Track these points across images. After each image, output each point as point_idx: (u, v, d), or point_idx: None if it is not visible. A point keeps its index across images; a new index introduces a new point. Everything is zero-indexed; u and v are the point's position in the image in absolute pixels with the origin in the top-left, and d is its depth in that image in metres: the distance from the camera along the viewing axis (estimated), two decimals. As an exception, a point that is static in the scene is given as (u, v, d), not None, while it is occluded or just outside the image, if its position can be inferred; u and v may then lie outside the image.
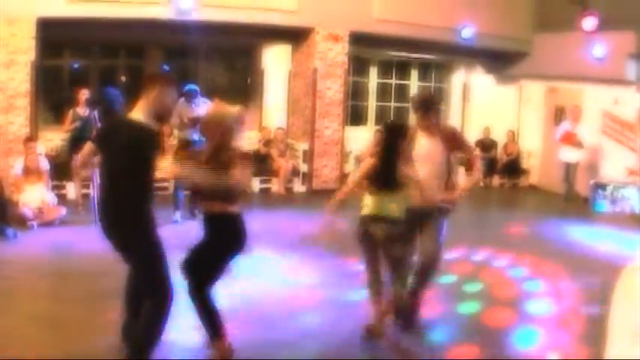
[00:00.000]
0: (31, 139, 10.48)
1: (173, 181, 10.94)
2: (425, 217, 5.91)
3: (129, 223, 4.71)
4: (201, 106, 10.82)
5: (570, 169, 12.86)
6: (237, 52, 15.25)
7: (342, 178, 14.06)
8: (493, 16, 14.37)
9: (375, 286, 5.84)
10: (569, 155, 12.81)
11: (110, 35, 12.70)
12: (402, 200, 5.62)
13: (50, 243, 8.98)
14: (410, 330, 6.04)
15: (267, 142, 13.94)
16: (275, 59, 14.89)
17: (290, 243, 9.31)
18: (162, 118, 5.02)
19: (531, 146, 16.24)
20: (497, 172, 15.96)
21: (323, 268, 8.21)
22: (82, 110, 11.14)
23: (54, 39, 12.01)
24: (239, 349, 5.26)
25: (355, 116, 15.74)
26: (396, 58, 16.10)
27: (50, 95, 12.96)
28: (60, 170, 11.19)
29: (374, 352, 5.82)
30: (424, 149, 5.93)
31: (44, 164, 10.24)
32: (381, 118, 15.83)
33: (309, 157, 13.79)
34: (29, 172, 9.95)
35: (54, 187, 10.81)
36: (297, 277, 7.87)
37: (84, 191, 11.00)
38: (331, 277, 7.87)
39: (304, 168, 13.85)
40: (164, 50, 14.01)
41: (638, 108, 13.24)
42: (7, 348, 5.34)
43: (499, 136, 16.34)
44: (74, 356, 5.26)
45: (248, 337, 5.72)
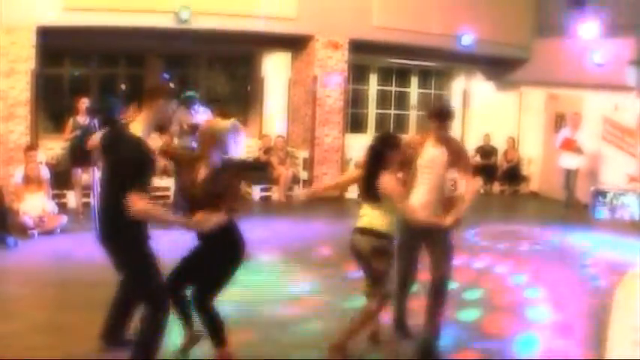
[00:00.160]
0: (32, 147, 10.49)
1: (174, 189, 10.99)
2: (429, 235, 5.77)
3: (119, 234, 4.75)
4: (201, 113, 10.86)
5: (570, 175, 12.84)
6: (237, 60, 15.28)
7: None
8: (493, 23, 14.39)
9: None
10: (569, 162, 12.80)
11: (110, 44, 12.74)
12: (389, 213, 5.49)
13: (51, 251, 8.97)
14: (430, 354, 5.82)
15: (268, 150, 13.95)
16: (275, 67, 14.91)
17: (290, 250, 9.30)
18: (162, 128, 5.06)
19: (532, 153, 16.24)
20: (498, 179, 15.96)
21: (323, 275, 8.19)
22: (83, 119, 11.12)
23: (54, 47, 12.04)
24: (239, 356, 5.25)
25: (355, 124, 15.75)
26: (396, 65, 16.12)
27: (50, 104, 12.98)
28: (60, 179, 11.20)
29: (375, 358, 5.80)
30: (429, 159, 5.78)
31: (45, 173, 10.24)
32: (381, 125, 15.86)
33: (309, 164, 13.79)
34: (30, 180, 9.95)
35: (54, 196, 10.81)
36: (297, 285, 7.86)
37: (84, 200, 11.02)
38: (332, 285, 7.85)
39: (304, 176, 13.84)
40: (164, 59, 14.04)
41: (638, 114, 13.24)
42: (8, 356, 5.33)
43: (499, 143, 16.35)
44: (75, 364, 5.25)
45: (248, 345, 5.71)
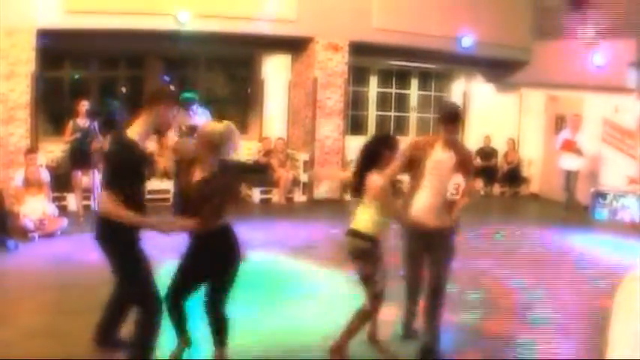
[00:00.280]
0: (32, 150, 10.50)
1: (174, 188, 10.97)
2: (432, 238, 5.76)
3: (111, 237, 4.80)
4: (199, 115, 10.84)
5: (571, 177, 12.84)
6: (236, 63, 15.28)
7: (343, 187, 14.07)
8: (493, 25, 14.39)
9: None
10: (569, 163, 12.79)
11: (110, 46, 12.74)
12: (378, 214, 5.46)
13: (51, 254, 8.96)
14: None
15: (268, 153, 13.95)
16: (275, 69, 14.91)
17: (291, 252, 9.30)
18: (161, 132, 5.08)
19: (532, 154, 16.23)
20: (498, 181, 15.95)
21: (324, 277, 8.19)
22: (83, 121, 11.13)
23: (54, 50, 12.03)
24: (239, 357, 5.28)
25: (355, 126, 15.74)
26: (396, 67, 16.12)
27: (50, 106, 12.97)
28: (61, 181, 11.22)
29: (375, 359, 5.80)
30: (437, 162, 5.69)
31: (45, 175, 10.25)
32: (381, 127, 15.86)
33: (309, 167, 13.79)
34: (30, 183, 9.95)
35: (55, 199, 10.81)
36: (298, 287, 7.86)
37: (85, 202, 11.02)
38: (332, 286, 7.85)
39: (304, 178, 13.84)
40: (164, 61, 14.03)
41: (638, 116, 13.23)
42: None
43: (499, 145, 16.34)
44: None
45: (248, 346, 5.71)
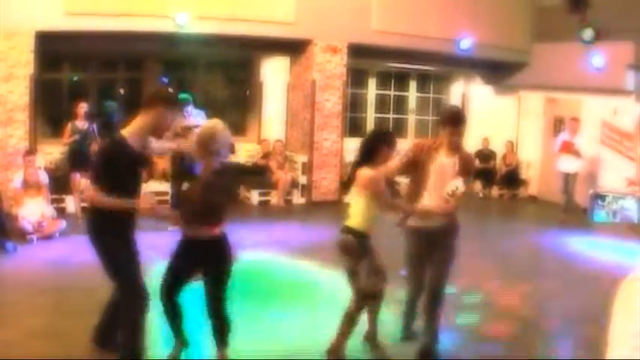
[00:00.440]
0: (31, 152, 10.48)
1: (171, 190, 10.98)
2: (435, 240, 5.76)
3: (99, 232, 4.97)
4: (194, 116, 10.82)
5: (569, 179, 12.83)
6: (235, 65, 15.30)
7: (342, 189, 14.07)
8: (492, 27, 14.42)
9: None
10: (568, 165, 12.79)
11: (109, 48, 12.74)
12: (364, 209, 5.42)
13: (50, 256, 8.95)
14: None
15: (266, 155, 13.95)
16: (273, 71, 14.92)
17: (290, 254, 9.29)
18: (159, 134, 5.08)
19: (530, 157, 16.25)
20: (497, 183, 15.96)
21: (323, 278, 8.19)
22: (81, 123, 11.14)
23: (53, 52, 12.04)
24: (238, 358, 5.29)
25: (354, 128, 15.75)
26: (395, 69, 16.15)
27: (49, 108, 12.98)
28: (59, 183, 11.21)
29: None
30: (441, 167, 5.63)
31: (43, 177, 10.24)
32: (372, 129, 15.85)
33: (308, 169, 13.79)
34: (29, 185, 9.94)
35: (53, 201, 10.81)
36: (297, 288, 7.86)
37: (83, 204, 11.00)
38: (331, 287, 7.84)
39: (303, 180, 13.85)
40: (163, 63, 14.05)
41: (637, 118, 13.24)
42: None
43: (498, 147, 16.36)
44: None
45: (248, 347, 5.70)
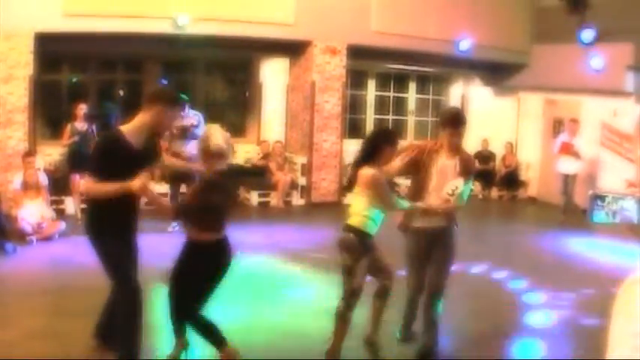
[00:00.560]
0: (30, 153, 10.48)
1: (170, 192, 10.96)
2: (435, 240, 5.79)
3: (94, 227, 5.01)
4: (190, 117, 10.81)
5: (569, 180, 12.83)
6: (235, 66, 15.30)
7: (341, 191, 14.07)
8: (491, 28, 14.42)
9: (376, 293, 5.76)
10: (567, 167, 12.79)
11: (108, 50, 12.75)
12: (366, 208, 5.43)
13: (49, 258, 8.96)
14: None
15: (266, 156, 13.94)
16: (273, 73, 14.92)
17: (289, 256, 9.29)
18: (158, 133, 5.08)
19: (530, 158, 16.24)
20: (496, 184, 15.96)
21: (323, 280, 8.18)
22: (81, 125, 11.13)
23: (52, 54, 12.04)
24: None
25: (353, 129, 15.75)
26: (394, 70, 16.14)
27: (48, 110, 12.97)
28: (59, 185, 11.21)
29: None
30: (443, 169, 5.67)
31: (43, 179, 10.23)
32: (373, 129, 15.87)
33: (307, 170, 13.79)
34: (28, 186, 9.94)
35: (53, 202, 10.81)
36: (297, 290, 7.86)
37: (83, 206, 10.98)
38: (331, 289, 7.83)
39: (303, 181, 13.84)
40: (162, 64, 14.04)
41: (636, 120, 13.23)
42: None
43: (497, 148, 16.36)
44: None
45: (248, 349, 5.68)
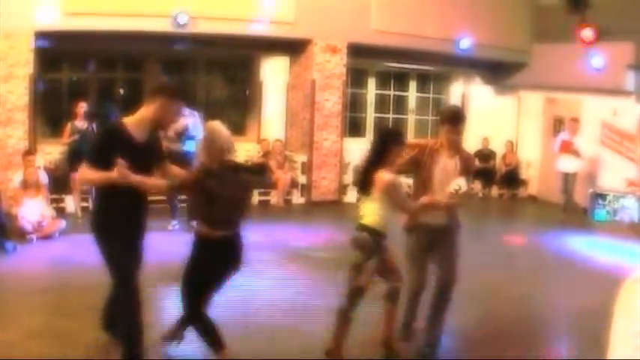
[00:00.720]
0: (30, 152, 10.48)
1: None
2: (438, 238, 5.85)
3: (96, 228, 4.95)
4: (187, 116, 10.75)
5: (569, 179, 12.84)
6: (235, 65, 15.29)
7: (341, 189, 14.07)
8: (491, 27, 14.41)
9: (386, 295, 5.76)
10: (567, 165, 12.80)
11: (108, 48, 12.74)
12: (380, 209, 5.46)
13: (50, 256, 8.96)
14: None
15: (266, 154, 13.94)
16: (273, 71, 14.91)
17: (289, 254, 9.29)
18: (161, 126, 5.07)
19: (530, 157, 16.24)
20: (496, 183, 15.95)
21: (323, 279, 8.18)
22: (81, 123, 11.13)
23: (52, 52, 12.03)
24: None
25: (353, 128, 15.75)
26: (394, 69, 16.12)
27: (49, 108, 12.96)
28: (59, 183, 11.20)
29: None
30: (444, 168, 5.76)
31: (43, 177, 10.23)
32: (380, 129, 15.85)
33: (307, 168, 13.79)
34: (28, 185, 9.94)
35: (53, 200, 10.81)
36: (297, 289, 7.85)
37: (83, 204, 11.01)
38: (331, 288, 7.84)
39: (303, 180, 13.84)
40: (162, 63, 14.02)
41: (637, 119, 13.23)
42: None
43: (498, 147, 16.35)
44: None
45: (248, 349, 5.69)
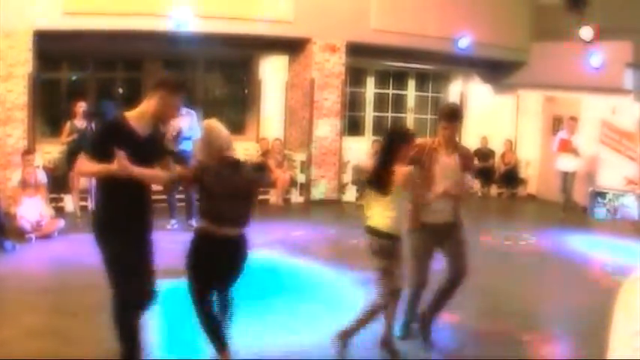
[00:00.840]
0: (29, 151, 10.47)
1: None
2: (445, 234, 5.96)
3: (96, 230, 4.89)
4: (184, 115, 10.72)
5: (568, 178, 12.86)
6: (234, 64, 15.28)
7: (340, 188, 14.07)
8: (490, 26, 14.41)
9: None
10: (566, 164, 12.81)
11: (108, 48, 12.71)
12: (396, 210, 5.53)
13: (48, 256, 8.95)
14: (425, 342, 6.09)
15: (265, 153, 13.93)
16: (272, 70, 14.90)
17: (288, 253, 9.29)
18: (163, 120, 5.05)
19: (529, 156, 16.24)
20: (495, 182, 15.95)
21: (321, 277, 8.19)
22: (80, 123, 11.13)
23: (51, 51, 12.02)
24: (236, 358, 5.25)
25: (353, 127, 15.75)
26: (393, 68, 16.12)
27: (48, 108, 12.96)
28: (58, 183, 11.21)
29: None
30: (445, 166, 5.90)
31: (42, 177, 10.23)
32: (379, 128, 15.89)
33: (306, 167, 13.78)
34: (27, 184, 9.93)
35: (52, 200, 10.80)
36: (295, 287, 7.85)
37: (82, 203, 11.01)
38: (329, 286, 7.84)
39: (302, 179, 13.84)
40: (162, 62, 14.00)
41: (637, 117, 13.24)
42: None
43: (497, 146, 16.35)
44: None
45: (250, 349, 5.69)
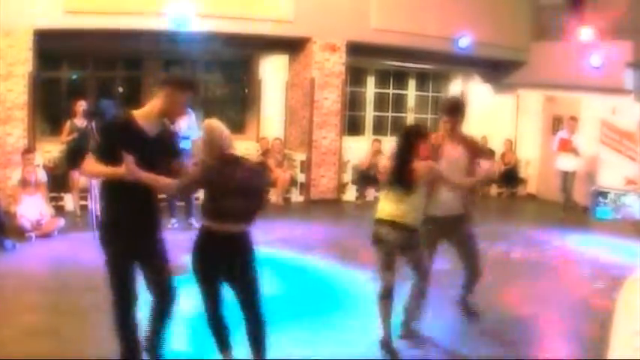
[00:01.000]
0: (29, 150, 10.47)
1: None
2: (454, 227, 6.11)
3: (100, 235, 4.88)
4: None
5: (568, 178, 12.86)
6: (234, 63, 15.27)
7: (340, 188, 14.07)
8: (490, 26, 14.40)
9: (385, 294, 5.76)
10: (566, 164, 12.81)
11: (108, 47, 12.70)
12: (416, 205, 5.61)
13: (48, 255, 8.95)
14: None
15: (265, 153, 13.93)
16: (272, 69, 14.90)
17: (289, 253, 9.29)
18: (170, 118, 5.03)
19: (529, 155, 16.25)
20: (495, 182, 15.95)
21: (321, 276, 8.18)
22: (80, 122, 11.11)
23: (52, 50, 12.02)
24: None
25: (353, 126, 15.74)
26: (394, 67, 16.11)
27: (48, 107, 12.95)
28: (58, 182, 11.20)
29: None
30: (452, 160, 6.03)
31: (42, 176, 10.23)
32: (379, 128, 15.88)
33: (306, 167, 13.78)
34: (27, 183, 9.93)
35: (52, 199, 10.80)
36: (294, 286, 7.85)
37: (82, 202, 11.00)
38: (329, 285, 7.84)
39: (302, 178, 13.84)
40: (162, 61, 14.00)
41: (637, 117, 13.23)
42: (5, 360, 5.32)
43: (497, 146, 16.32)
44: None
45: (246, 346, 5.68)
